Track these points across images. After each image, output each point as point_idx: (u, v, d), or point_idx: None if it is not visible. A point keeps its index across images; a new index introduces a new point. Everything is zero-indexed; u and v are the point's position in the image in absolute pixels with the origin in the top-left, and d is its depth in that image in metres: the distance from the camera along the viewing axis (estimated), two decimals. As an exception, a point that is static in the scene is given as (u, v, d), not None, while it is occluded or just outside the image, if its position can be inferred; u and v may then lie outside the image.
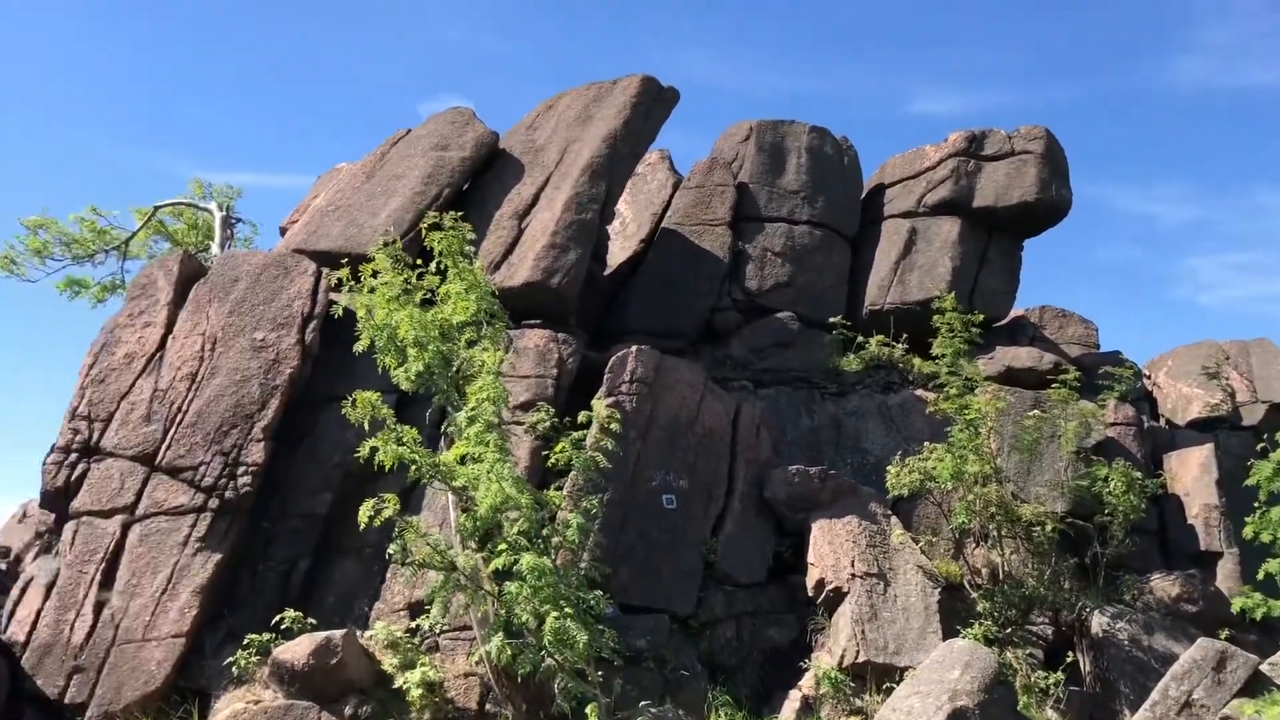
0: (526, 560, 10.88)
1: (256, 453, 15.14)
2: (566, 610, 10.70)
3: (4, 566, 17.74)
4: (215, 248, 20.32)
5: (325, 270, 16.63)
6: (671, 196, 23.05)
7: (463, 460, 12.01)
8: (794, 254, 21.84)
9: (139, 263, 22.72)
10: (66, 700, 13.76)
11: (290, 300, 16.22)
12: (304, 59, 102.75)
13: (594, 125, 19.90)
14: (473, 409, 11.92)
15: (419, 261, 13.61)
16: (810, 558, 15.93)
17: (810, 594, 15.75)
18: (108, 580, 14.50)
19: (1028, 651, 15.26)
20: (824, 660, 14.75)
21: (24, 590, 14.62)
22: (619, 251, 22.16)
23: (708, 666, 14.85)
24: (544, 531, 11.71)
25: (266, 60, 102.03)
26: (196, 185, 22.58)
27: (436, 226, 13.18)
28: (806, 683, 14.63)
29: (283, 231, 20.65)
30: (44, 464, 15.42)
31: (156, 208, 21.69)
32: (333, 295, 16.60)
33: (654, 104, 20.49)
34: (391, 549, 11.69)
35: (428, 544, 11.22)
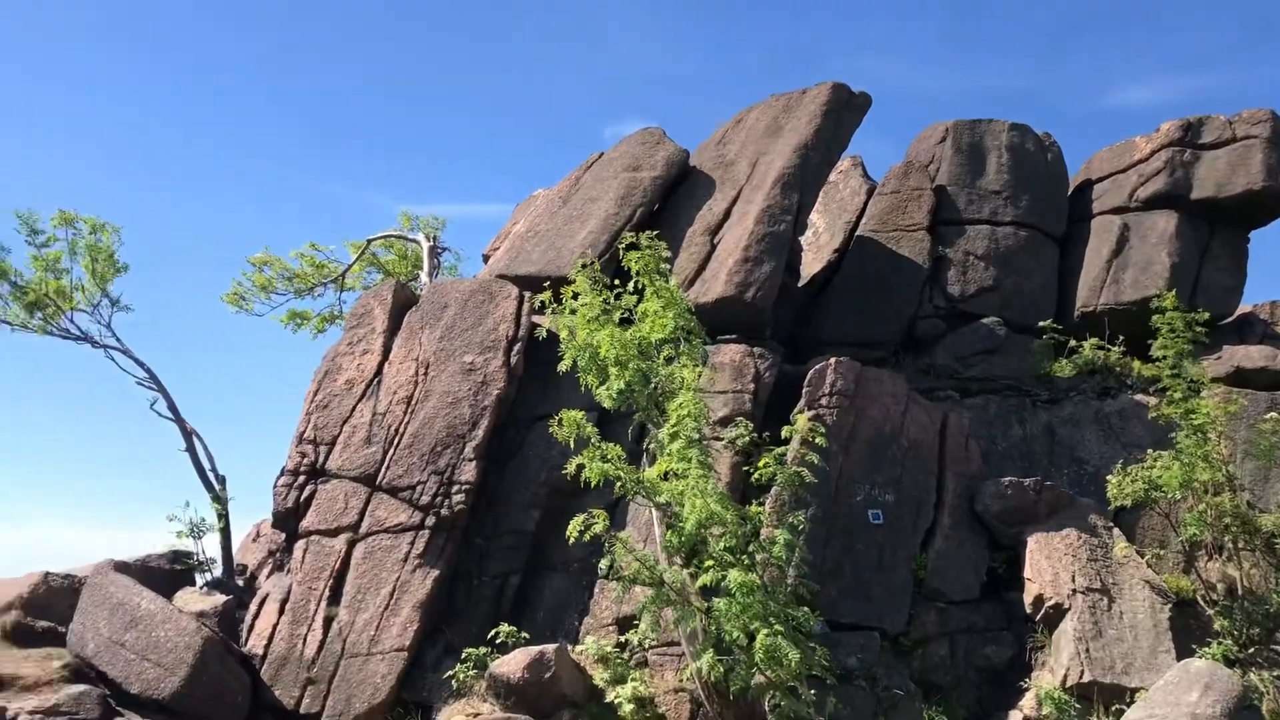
0: (734, 576, 10.83)
1: (469, 471, 15.67)
2: (777, 627, 10.59)
3: (241, 583, 18.95)
4: (424, 276, 21.29)
5: (527, 294, 17.09)
6: (866, 203, 22.64)
7: (665, 476, 12.09)
8: (998, 256, 21.07)
9: (354, 294, 24.05)
10: (301, 710, 14.56)
11: (495, 324, 16.76)
12: (493, 91, 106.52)
13: (784, 136, 19.77)
14: (674, 425, 11.99)
15: (616, 281, 13.82)
16: (1027, 573, 15.24)
17: (1028, 611, 15.07)
18: (335, 596, 15.29)
19: (1275, 674, 14.12)
20: (1045, 680, 14.06)
21: (260, 605, 15.57)
22: (813, 262, 21.91)
23: (921, 686, 14.39)
24: (749, 547, 11.64)
25: (459, 96, 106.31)
26: (404, 218, 23.86)
27: (634, 246, 13.37)
28: (1027, 703, 13.99)
29: (485, 258, 21.39)
30: (275, 486, 16.42)
31: (369, 241, 22.93)
32: (535, 318, 17.06)
33: (844, 111, 20.19)
34: (602, 564, 11.86)
35: (636, 559, 11.32)
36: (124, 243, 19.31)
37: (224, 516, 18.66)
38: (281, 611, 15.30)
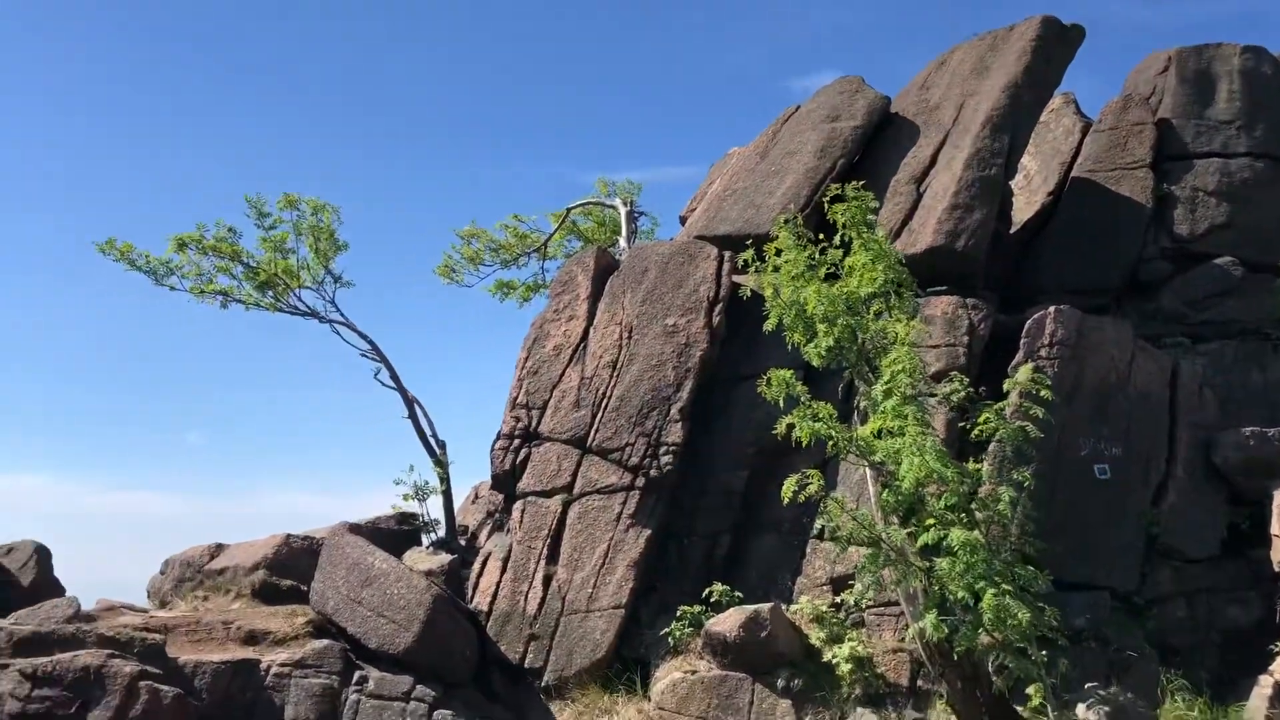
0: (956, 535, 10.49)
1: (675, 433, 15.77)
2: (1005, 587, 10.20)
3: (463, 543, 19.74)
4: (622, 242, 21.49)
5: (727, 254, 16.99)
6: (1080, 142, 21.36)
7: (879, 434, 11.79)
8: (1231, 191, 19.51)
9: (556, 262, 24.57)
10: (526, 664, 15.08)
11: (696, 285, 16.74)
12: (680, 54, 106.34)
13: (992, 76, 18.87)
14: (888, 382, 11.66)
15: (821, 235, 13.52)
16: (1274, 529, 14.20)
17: (1276, 570, 14.05)
18: (553, 555, 15.72)
19: None
20: (1298, 643, 13.10)
21: (483, 564, 16.18)
22: (1024, 207, 20.87)
23: (1157, 648, 13.66)
24: (971, 505, 11.24)
25: (649, 61, 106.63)
26: (601, 185, 24.14)
27: (839, 198, 13.03)
28: (1278, 668, 13.07)
29: (682, 220, 21.39)
30: (492, 450, 16.98)
31: (568, 210, 23.33)
32: (736, 277, 16.94)
33: (1056, 45, 19.08)
34: (819, 524, 11.71)
35: (853, 519, 11.12)
36: (343, 222, 20.31)
37: (445, 479, 19.44)
38: (503, 570, 15.86)
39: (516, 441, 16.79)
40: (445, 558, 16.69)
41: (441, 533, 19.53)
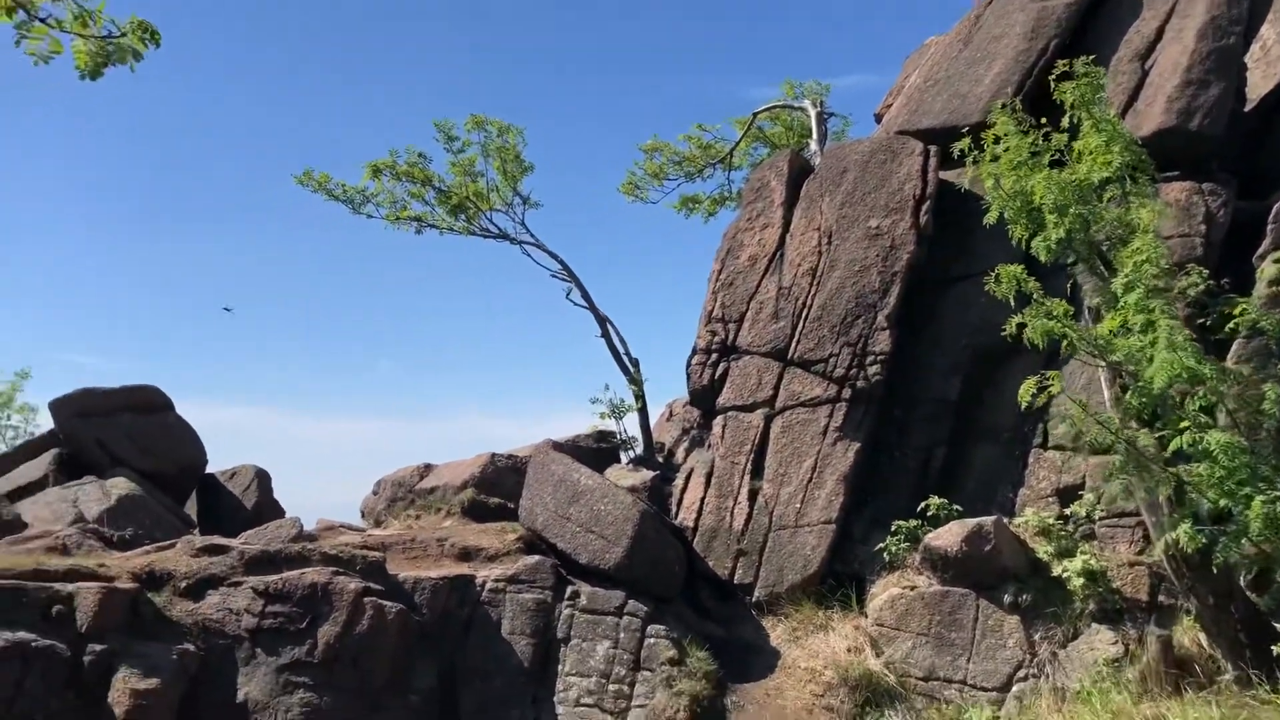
0: (1215, 438, 9.50)
1: (882, 341, 15.05)
2: (1273, 493, 9.20)
3: (660, 460, 19.60)
4: (813, 145, 20.57)
5: (932, 148, 15.95)
6: (1326, 5, 19.07)
7: (1119, 331, 10.79)
8: None
9: (742, 173, 23.86)
10: (735, 580, 14.84)
11: (900, 184, 15.80)
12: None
13: (1224, -65, 16.92)
14: (1129, 274, 10.62)
15: (1043, 120, 12.42)
16: None
17: None
18: (757, 469, 15.34)
19: None
20: None
21: (686, 480, 15.94)
22: (1261, 81, 18.80)
23: None
24: (1229, 406, 10.18)
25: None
26: (788, 87, 23.09)
27: (1066, 75, 11.86)
28: None
29: (878, 119, 20.30)
30: (689, 365, 16.64)
31: (755, 115, 22.47)
32: (942, 173, 15.92)
33: (1300, -106, 16.95)
34: (1054, 430, 10.86)
35: (1098, 423, 10.23)
36: (528, 144, 20.12)
37: (640, 397, 19.28)
38: (707, 486, 15.59)
39: (714, 356, 16.40)
40: (647, 474, 16.54)
41: (639, 450, 19.44)
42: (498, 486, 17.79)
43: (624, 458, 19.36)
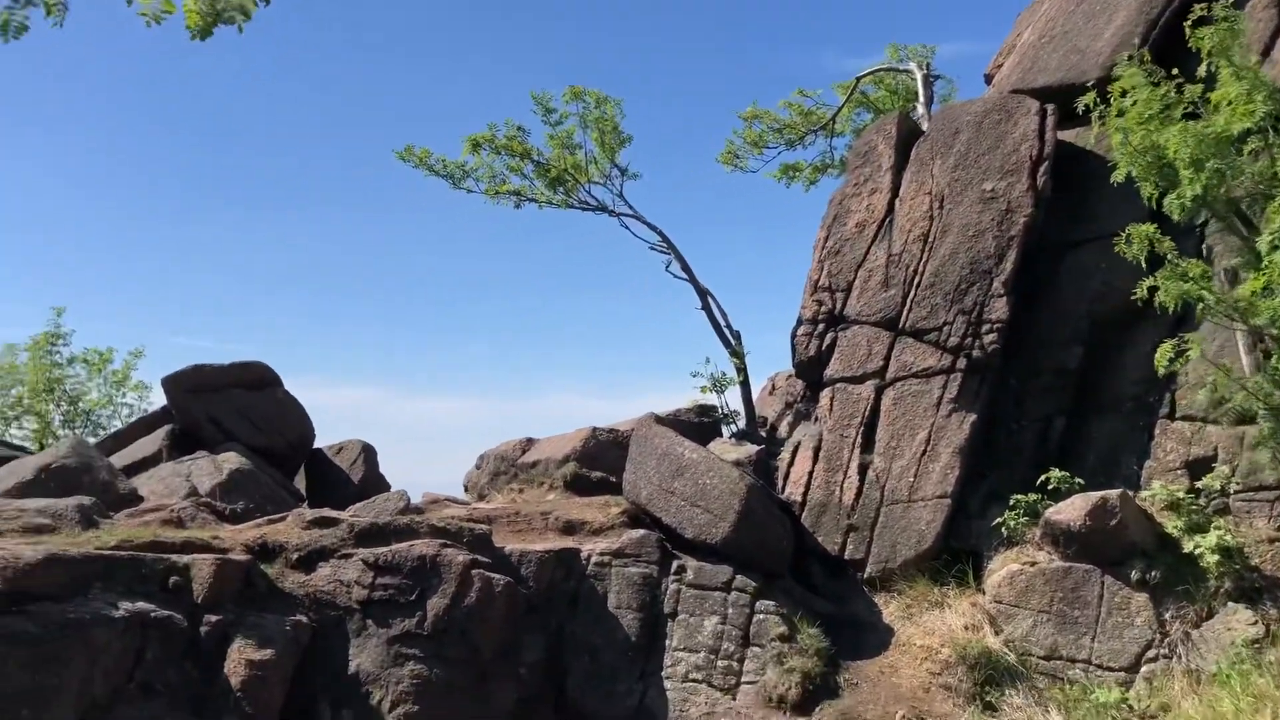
0: (1376, 405, 8.86)
1: (999, 309, 14.47)
2: None
3: (763, 435, 19.28)
4: (920, 109, 19.95)
5: (1049, 106, 15.26)
6: None
7: (1263, 292, 10.14)
8: None
9: (844, 140, 23.29)
10: (846, 556, 14.47)
11: (1016, 145, 15.15)
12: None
13: None
14: (1274, 231, 9.96)
15: (1175, 71, 11.73)
16: None
17: None
18: (868, 443, 14.92)
19: None
20: None
21: (794, 453, 15.59)
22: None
23: None
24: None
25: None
26: (893, 49, 22.44)
27: (1204, 20, 11.18)
28: None
29: (988, 80, 19.56)
30: (794, 336, 16.25)
31: (858, 79, 21.82)
32: (1060, 132, 15.24)
33: None
34: (1198, 397, 10.28)
35: (1244, 389, 9.62)
36: (625, 115, 19.87)
37: (742, 370, 18.97)
38: (815, 459, 15.22)
39: (820, 326, 15.98)
40: (751, 448, 16.22)
41: (741, 424, 19.15)
42: (599, 460, 17.66)
43: (725, 432, 19.09)
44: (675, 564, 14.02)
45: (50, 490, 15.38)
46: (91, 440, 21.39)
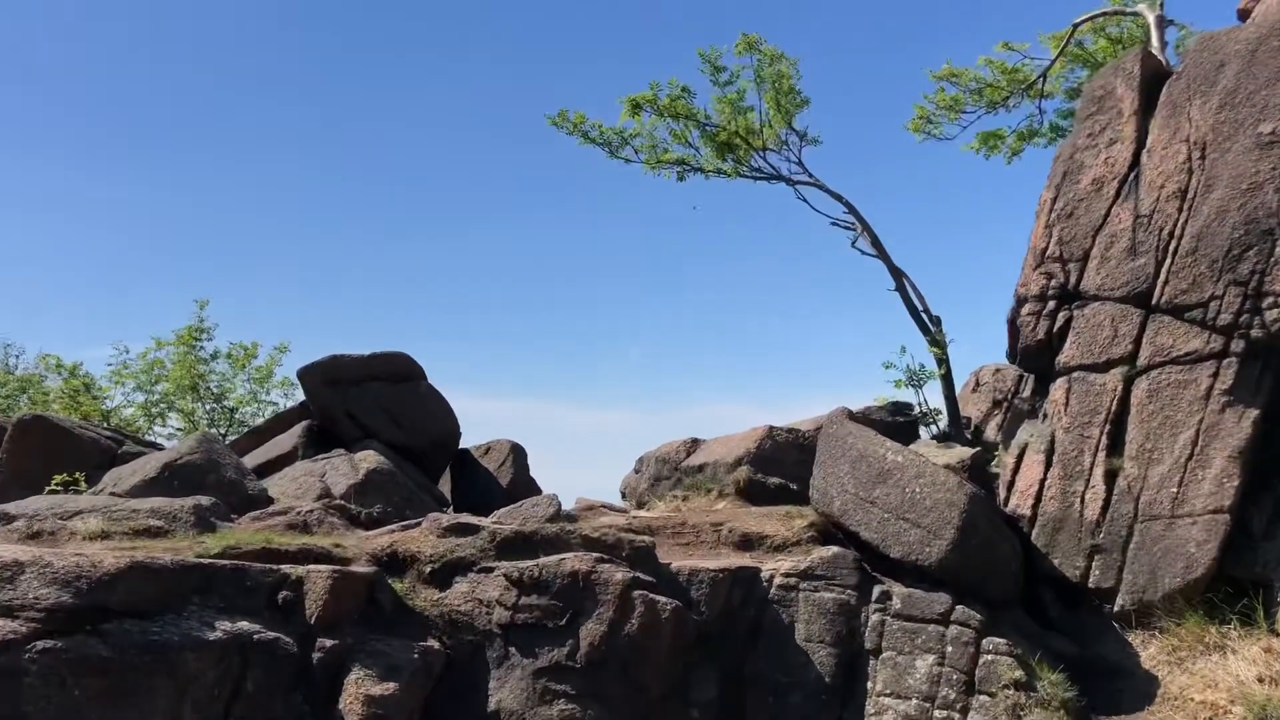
0: None
1: (1288, 277, 11.51)
2: None
3: (969, 436, 16.60)
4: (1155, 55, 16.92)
5: (1349, 26, 12.18)
6: None
7: None
8: None
9: (1054, 102, 20.25)
10: (1090, 584, 11.74)
11: (1305, 74, 12.13)
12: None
13: None
14: None
15: None
16: None
17: None
18: (1115, 445, 12.14)
19: None
20: None
21: (1018, 458, 12.90)
22: None
23: None
24: None
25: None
26: (1114, -11, 19.17)
27: None
28: None
29: (1243, 15, 16.38)
30: (1015, 317, 13.58)
31: (1075, 25, 18.73)
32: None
33: None
34: None
35: None
36: (801, 75, 17.48)
37: (944, 361, 16.34)
38: (1047, 464, 12.52)
39: (1050, 304, 13.25)
40: (964, 451, 13.63)
41: (944, 424, 16.51)
42: (777, 464, 15.31)
43: (924, 434, 16.49)
44: (877, 589, 11.57)
45: (173, 489, 13.94)
46: (233, 439, 20.20)
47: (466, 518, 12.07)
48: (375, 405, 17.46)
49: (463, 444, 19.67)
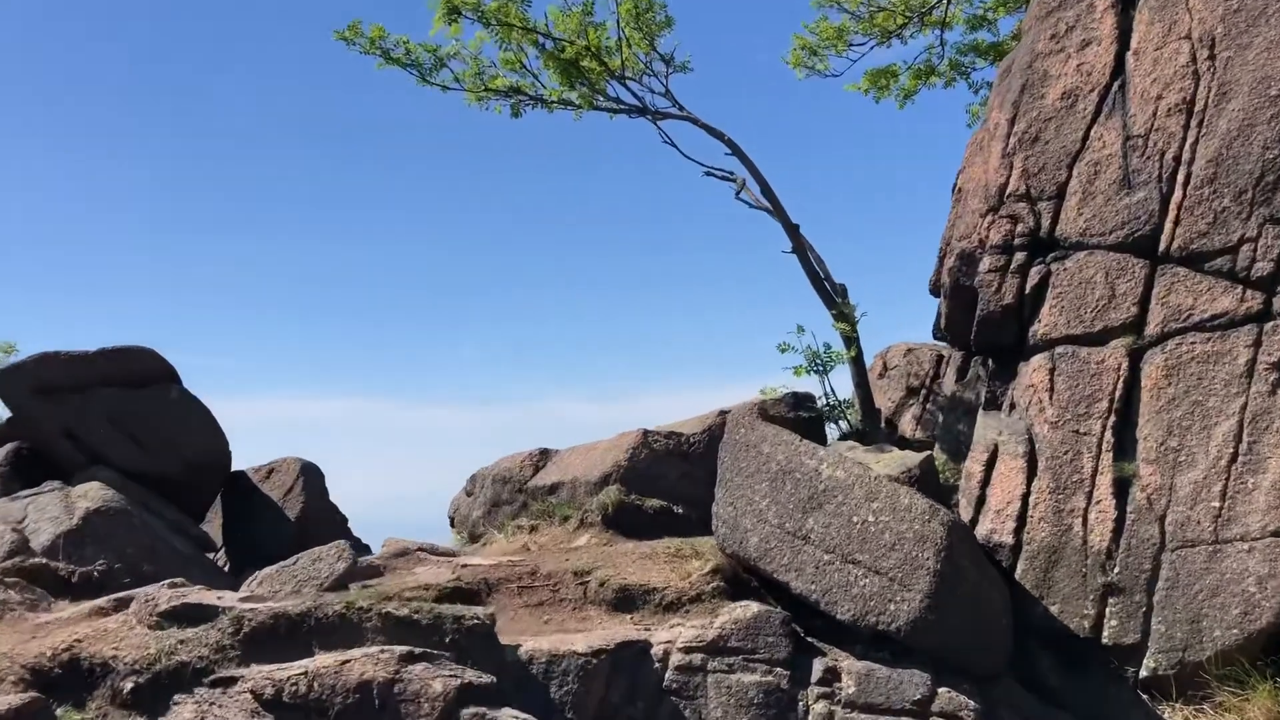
0: None
1: (1348, 209, 8.46)
2: None
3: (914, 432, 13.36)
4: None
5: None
6: None
7: None
8: None
9: (956, 34, 17.11)
10: (1105, 638, 8.44)
11: (1349, -59, 9.12)
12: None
13: None
14: None
15: None
16: None
17: None
18: (1123, 443, 8.89)
19: None
20: None
21: (987, 464, 9.50)
22: None
23: None
24: None
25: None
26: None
27: None
28: None
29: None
30: (975, 277, 10.21)
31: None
32: None
33: None
34: None
35: None
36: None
37: (854, 341, 12.95)
38: (1031, 472, 9.16)
39: (1018, 257, 9.93)
40: (907, 456, 10.13)
41: (855, 419, 13.13)
42: (656, 481, 11.57)
43: (832, 433, 13.06)
44: (819, 665, 8.01)
45: None
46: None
47: (200, 594, 7.86)
48: (106, 419, 12.87)
49: (252, 461, 15.27)
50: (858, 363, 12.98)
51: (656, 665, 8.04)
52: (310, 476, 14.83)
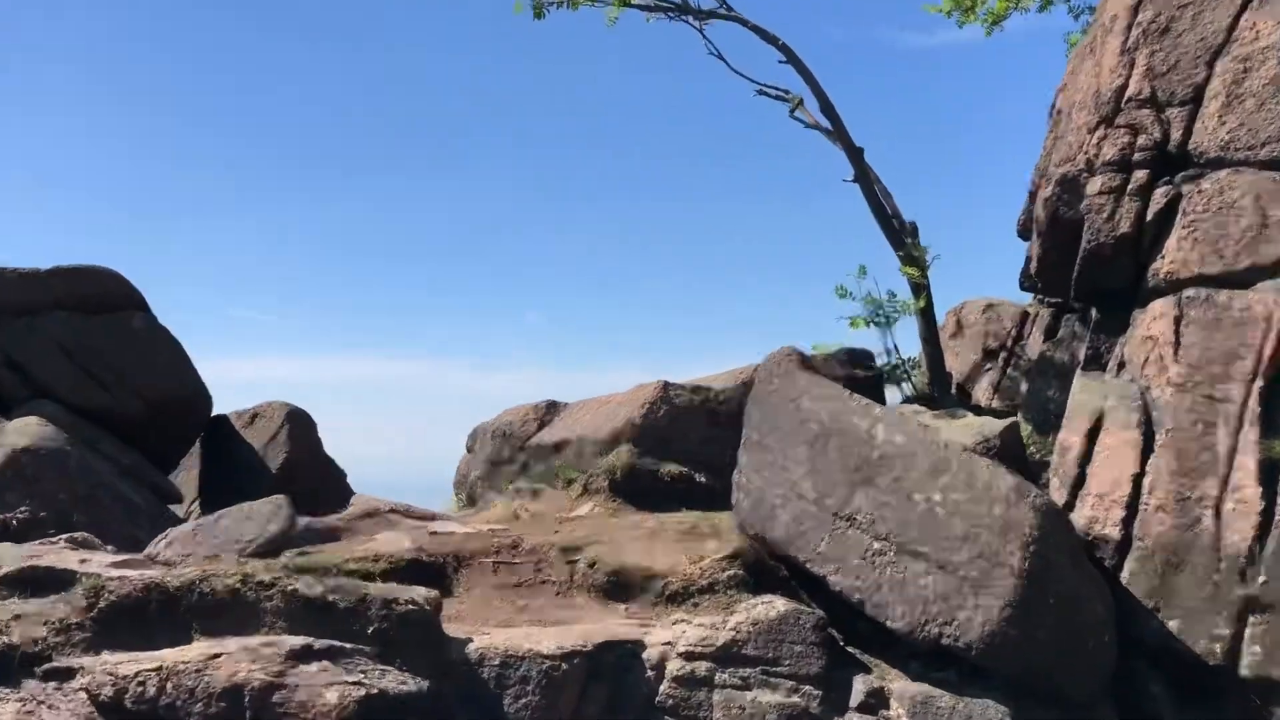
0: None
1: None
2: None
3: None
4: None
5: None
6: None
7: None
8: None
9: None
10: (1244, 670, 6.45)
11: None
12: None
13: None
14: None
15: None
16: None
17: None
18: (1272, 414, 6.88)
19: None
20: None
21: (1089, 437, 7.48)
22: None
23: None
24: None
25: None
26: None
27: None
28: None
29: None
30: (1081, 202, 8.17)
31: None
32: None
33: None
34: None
35: None
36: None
37: (924, 289, 10.88)
38: (1146, 449, 7.13)
39: (1139, 175, 7.87)
40: (986, 424, 8.18)
41: (921, 382, 11.15)
42: (675, 443, 9.66)
43: (893, 395, 11.08)
44: (859, 685, 6.12)
45: None
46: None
47: (58, 554, 6.18)
48: (55, 348, 11.32)
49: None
50: (927, 315, 10.94)
51: (649, 674, 6.24)
52: (297, 423, 13.18)
